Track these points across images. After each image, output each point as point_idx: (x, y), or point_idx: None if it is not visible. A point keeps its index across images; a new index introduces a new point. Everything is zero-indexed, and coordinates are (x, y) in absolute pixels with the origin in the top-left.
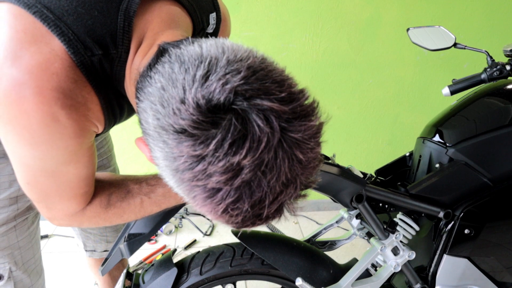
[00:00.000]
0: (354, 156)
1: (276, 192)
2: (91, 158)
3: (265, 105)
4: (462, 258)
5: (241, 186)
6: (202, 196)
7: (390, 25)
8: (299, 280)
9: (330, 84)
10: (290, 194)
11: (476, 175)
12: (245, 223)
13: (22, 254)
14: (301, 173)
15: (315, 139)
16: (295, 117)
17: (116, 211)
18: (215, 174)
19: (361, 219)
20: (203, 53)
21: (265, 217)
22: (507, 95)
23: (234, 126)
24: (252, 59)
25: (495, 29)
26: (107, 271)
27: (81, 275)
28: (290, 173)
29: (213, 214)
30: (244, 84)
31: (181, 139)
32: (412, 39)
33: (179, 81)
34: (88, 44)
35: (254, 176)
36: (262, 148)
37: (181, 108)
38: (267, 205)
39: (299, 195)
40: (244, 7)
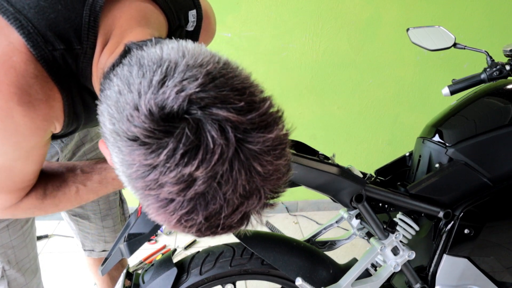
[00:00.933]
0: (354, 156)
1: (234, 204)
2: (41, 157)
3: (221, 114)
4: (462, 258)
5: (194, 197)
6: (155, 205)
7: (390, 25)
8: (299, 280)
9: (330, 84)
10: (254, 204)
11: (476, 175)
12: (203, 234)
13: (15, 253)
14: (262, 185)
15: (275, 151)
16: (253, 128)
17: (52, 201)
18: (167, 185)
19: (361, 219)
20: (163, 56)
21: (227, 226)
22: (507, 95)
23: (187, 136)
24: (212, 64)
25: (495, 29)
26: (107, 271)
27: (81, 275)
28: (248, 185)
29: (167, 224)
30: (201, 91)
31: (133, 147)
32: (412, 39)
33: (135, 86)
34: (49, 38)
35: (208, 188)
36: (215, 160)
37: (134, 114)
38: (226, 216)
39: (267, 204)
40: (244, 7)
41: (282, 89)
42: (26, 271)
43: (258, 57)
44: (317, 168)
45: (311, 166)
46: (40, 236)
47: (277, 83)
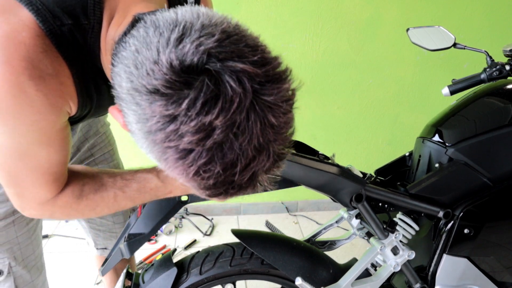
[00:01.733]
0: (354, 156)
1: (248, 156)
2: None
3: (238, 66)
4: (462, 258)
5: (213, 147)
6: (174, 157)
7: (390, 25)
8: (298, 279)
9: (330, 84)
10: (263, 162)
11: (475, 175)
12: (217, 189)
13: (21, 250)
14: (273, 139)
15: (287, 103)
16: (268, 80)
17: (89, 203)
18: (187, 134)
19: (360, 219)
20: (178, 18)
21: (237, 185)
22: (507, 95)
23: (207, 86)
24: (226, 24)
25: (495, 29)
26: (107, 271)
27: (81, 275)
28: (262, 138)
29: (185, 176)
30: (218, 46)
31: (154, 99)
32: (411, 39)
33: (153, 44)
34: (57, 14)
35: (226, 137)
36: (234, 108)
37: (154, 68)
38: (240, 170)
39: (272, 166)
40: (244, 7)
41: None
42: (31, 268)
43: None
44: (317, 168)
45: (311, 166)
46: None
47: None
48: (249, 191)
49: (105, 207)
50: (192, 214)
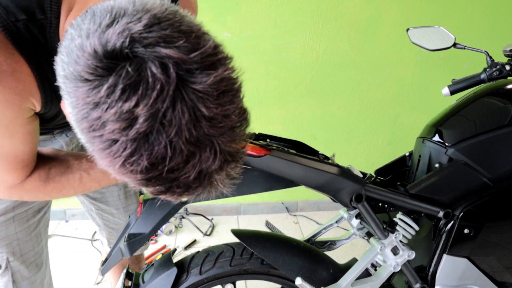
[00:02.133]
0: (354, 156)
1: (182, 151)
2: (30, 137)
3: (163, 52)
4: (462, 258)
5: (137, 138)
6: (100, 147)
7: (390, 25)
8: (298, 280)
9: (330, 84)
10: (209, 160)
11: (475, 175)
12: (157, 186)
13: (20, 246)
14: (215, 134)
15: (221, 94)
16: (197, 68)
17: (55, 186)
18: (109, 123)
19: (360, 219)
20: (114, 5)
21: (183, 184)
22: (507, 95)
23: (127, 72)
24: (159, 9)
25: (495, 29)
26: (107, 271)
27: (81, 275)
28: (195, 130)
29: (113, 168)
30: (144, 31)
31: (78, 86)
32: (411, 39)
33: (84, 31)
34: (11, 9)
35: (151, 128)
36: (155, 96)
37: (79, 55)
38: (175, 166)
39: (224, 166)
40: (244, 7)
41: (282, 89)
42: (30, 265)
43: (258, 57)
44: (317, 168)
45: (311, 166)
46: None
47: (277, 83)
48: (203, 193)
49: (71, 189)
50: (192, 214)
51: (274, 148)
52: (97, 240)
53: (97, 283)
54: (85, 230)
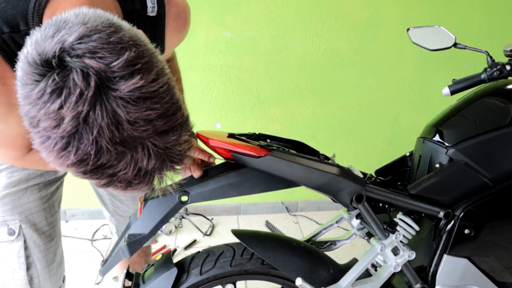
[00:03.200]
0: (354, 156)
1: (109, 151)
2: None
3: (87, 62)
4: (462, 258)
5: (65, 136)
6: (38, 141)
7: (390, 25)
8: (299, 280)
9: (330, 84)
10: (144, 160)
11: (476, 175)
12: (97, 179)
13: (33, 215)
14: (140, 136)
15: (143, 100)
16: (117, 76)
17: None
18: (42, 121)
19: (361, 219)
20: (63, 17)
21: (124, 180)
22: (507, 95)
23: (54, 79)
24: (96, 23)
25: (495, 29)
26: (107, 272)
27: (81, 275)
28: (118, 132)
29: (51, 160)
30: (75, 43)
31: (21, 88)
32: (412, 39)
33: (33, 40)
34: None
35: (76, 127)
36: (75, 100)
37: (24, 61)
38: (110, 164)
39: (163, 166)
40: (244, 7)
41: (282, 89)
42: (42, 234)
43: (258, 57)
44: (317, 168)
45: (311, 166)
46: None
47: (277, 83)
48: (148, 188)
49: None
50: (192, 214)
51: (275, 148)
52: (97, 240)
53: (97, 283)
54: (85, 230)
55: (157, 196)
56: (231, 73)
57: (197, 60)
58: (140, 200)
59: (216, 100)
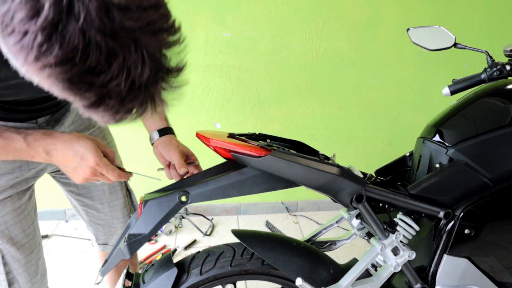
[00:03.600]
0: (354, 156)
1: (99, 44)
2: None
3: None
4: (462, 258)
5: (46, 26)
6: (12, 43)
7: (390, 25)
8: (299, 280)
9: (330, 84)
10: (137, 65)
11: (476, 175)
12: (83, 92)
13: (8, 229)
14: (131, 27)
15: None
16: None
17: None
18: (17, 13)
19: (361, 219)
20: None
21: (116, 94)
22: (507, 95)
23: None
24: None
25: (495, 29)
26: (107, 272)
27: (81, 275)
28: (108, 20)
29: (28, 65)
30: None
31: None
32: (412, 39)
33: None
34: None
35: (59, 14)
36: None
37: None
38: (101, 67)
39: (157, 76)
40: (244, 7)
41: (282, 89)
42: (21, 247)
43: (258, 57)
44: (318, 168)
45: (311, 166)
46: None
47: (277, 83)
48: (141, 108)
49: None
50: (192, 214)
51: (275, 148)
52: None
53: (97, 283)
54: (85, 230)
55: (157, 196)
56: (231, 73)
57: (197, 60)
58: (140, 201)
59: (216, 100)
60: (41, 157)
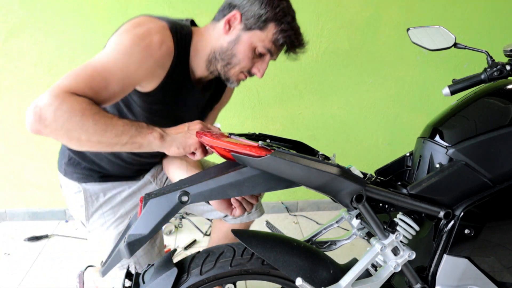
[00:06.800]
0: (354, 156)
1: (290, 7)
2: (121, 84)
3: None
4: (462, 258)
5: (284, 7)
6: (271, 15)
7: (390, 25)
8: (299, 280)
9: (330, 84)
10: (296, 26)
11: (476, 175)
12: (288, 31)
13: (140, 259)
14: (292, 15)
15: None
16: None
17: (88, 116)
18: (277, 7)
19: (361, 219)
20: None
21: (295, 29)
22: (507, 95)
23: None
24: None
25: (495, 29)
26: (107, 272)
27: None
28: (291, 11)
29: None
30: None
31: None
32: (412, 39)
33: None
34: (178, 27)
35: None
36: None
37: None
38: (291, 20)
39: (298, 35)
40: None
41: (282, 89)
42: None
43: None
44: (317, 168)
45: (311, 166)
46: (40, 236)
47: (277, 83)
48: (296, 42)
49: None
50: (192, 214)
51: (275, 148)
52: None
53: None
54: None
55: (157, 195)
56: None
57: None
58: (140, 200)
59: None
60: (157, 132)
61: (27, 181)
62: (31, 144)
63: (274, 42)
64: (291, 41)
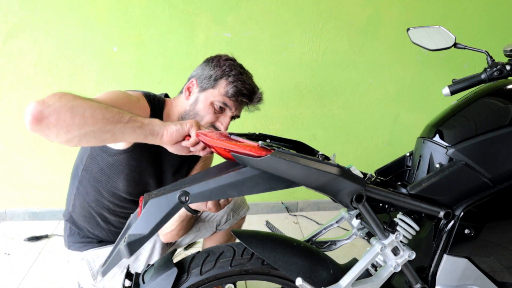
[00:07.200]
0: (354, 156)
1: (248, 77)
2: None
3: None
4: (462, 258)
5: (237, 73)
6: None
7: (390, 25)
8: (299, 280)
9: (330, 84)
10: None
11: (476, 175)
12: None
13: None
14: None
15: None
16: None
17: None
18: (231, 74)
19: (361, 219)
20: None
21: (248, 86)
22: (507, 95)
23: None
24: None
25: (495, 29)
26: (107, 272)
27: None
28: (241, 78)
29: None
30: None
31: None
32: (412, 39)
33: None
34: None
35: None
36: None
37: None
38: (244, 80)
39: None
40: (244, 7)
41: (282, 89)
42: None
43: (258, 57)
44: (317, 168)
45: (311, 166)
46: (40, 236)
47: (277, 83)
48: (244, 90)
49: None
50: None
51: (275, 148)
52: None
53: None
54: None
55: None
56: None
57: (197, 60)
58: (140, 200)
59: None
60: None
61: (27, 181)
62: (31, 144)
63: (225, 94)
64: (239, 90)
